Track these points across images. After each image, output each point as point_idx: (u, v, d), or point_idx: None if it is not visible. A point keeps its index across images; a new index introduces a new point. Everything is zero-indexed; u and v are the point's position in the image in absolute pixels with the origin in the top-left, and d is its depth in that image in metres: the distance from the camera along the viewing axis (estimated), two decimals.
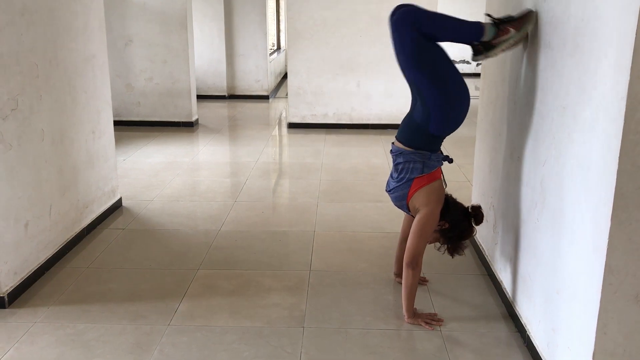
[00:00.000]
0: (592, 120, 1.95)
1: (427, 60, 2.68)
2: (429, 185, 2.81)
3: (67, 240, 3.62)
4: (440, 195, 2.86)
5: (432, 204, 2.81)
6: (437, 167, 2.85)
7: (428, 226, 2.81)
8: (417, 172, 2.81)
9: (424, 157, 2.80)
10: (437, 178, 2.85)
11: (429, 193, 2.81)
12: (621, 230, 1.81)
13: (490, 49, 2.69)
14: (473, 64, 14.03)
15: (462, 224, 2.91)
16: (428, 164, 2.81)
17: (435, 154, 2.83)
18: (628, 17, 1.70)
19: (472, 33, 2.71)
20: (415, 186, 2.82)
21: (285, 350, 2.62)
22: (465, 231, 2.92)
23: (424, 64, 2.68)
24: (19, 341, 2.67)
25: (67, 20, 3.61)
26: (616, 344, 1.92)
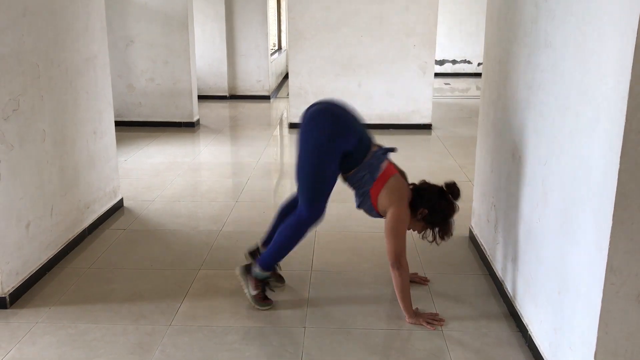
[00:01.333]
0: (594, 120, 1.95)
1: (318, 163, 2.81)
2: (385, 186, 2.81)
3: (68, 240, 3.62)
4: (401, 190, 2.84)
5: (394, 202, 2.80)
6: (381, 164, 2.84)
7: (399, 224, 2.79)
8: (370, 183, 2.82)
9: (363, 167, 2.83)
10: (390, 175, 2.84)
11: (388, 194, 2.81)
12: (623, 230, 1.81)
13: None
14: (474, 64, 14.04)
15: (441, 204, 2.88)
16: (372, 168, 2.82)
17: (371, 157, 2.84)
18: (629, 16, 1.70)
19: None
20: (374, 195, 2.83)
21: (287, 350, 2.62)
22: (446, 210, 2.89)
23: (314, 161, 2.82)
24: (20, 341, 2.68)
25: (69, 21, 3.61)
26: (618, 344, 1.92)
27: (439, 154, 6.42)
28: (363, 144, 2.84)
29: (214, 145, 6.85)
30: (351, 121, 2.87)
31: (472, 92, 11.49)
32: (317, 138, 2.78)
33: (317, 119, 2.85)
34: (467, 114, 8.86)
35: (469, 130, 7.52)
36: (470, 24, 13.66)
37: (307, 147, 2.81)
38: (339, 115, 2.86)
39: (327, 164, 2.79)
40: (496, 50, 3.34)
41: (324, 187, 2.84)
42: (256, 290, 2.96)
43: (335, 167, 2.81)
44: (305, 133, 2.84)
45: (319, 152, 2.77)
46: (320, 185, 2.83)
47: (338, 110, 2.90)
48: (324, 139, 2.77)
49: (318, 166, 2.79)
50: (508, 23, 3.08)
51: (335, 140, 2.77)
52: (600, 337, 1.91)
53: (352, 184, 2.91)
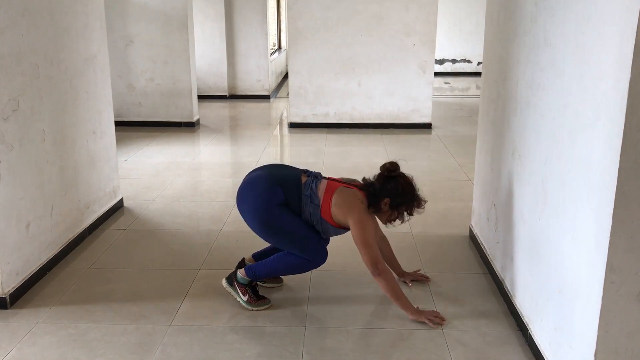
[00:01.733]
0: (594, 119, 1.95)
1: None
2: (331, 205, 2.80)
3: (68, 240, 3.62)
4: (348, 199, 2.82)
5: (347, 211, 2.79)
6: (318, 190, 2.83)
7: (364, 231, 2.77)
8: (317, 210, 2.82)
9: (304, 202, 2.83)
10: (333, 192, 2.82)
11: (337, 208, 2.80)
12: (623, 229, 1.81)
13: None
14: (474, 63, 14.04)
15: (393, 184, 2.82)
16: (311, 197, 2.82)
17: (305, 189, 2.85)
18: (629, 15, 1.69)
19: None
20: (327, 217, 2.82)
21: (287, 350, 2.62)
22: (403, 186, 2.83)
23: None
24: (21, 342, 2.68)
25: (68, 20, 3.61)
26: (618, 342, 1.92)
27: (439, 153, 6.42)
28: (290, 188, 2.84)
29: (214, 145, 6.85)
30: (265, 179, 2.88)
31: (472, 91, 11.49)
32: (250, 209, 2.84)
33: (240, 195, 2.91)
34: (467, 113, 8.86)
35: (468, 130, 7.52)
36: (470, 23, 13.66)
37: (252, 220, 2.87)
38: (251, 181, 2.90)
39: (278, 220, 2.81)
40: (496, 49, 3.34)
41: (301, 236, 2.84)
42: (246, 295, 2.95)
43: (289, 217, 2.82)
44: (242, 211, 2.91)
45: (262, 217, 2.82)
46: (296, 236, 2.83)
47: (250, 176, 2.95)
48: (256, 206, 2.82)
49: (275, 227, 2.83)
50: (508, 22, 3.08)
51: (264, 201, 2.81)
52: (600, 335, 1.91)
53: (310, 222, 2.88)
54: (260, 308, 2.95)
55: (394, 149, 6.53)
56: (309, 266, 2.90)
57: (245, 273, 2.96)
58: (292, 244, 2.85)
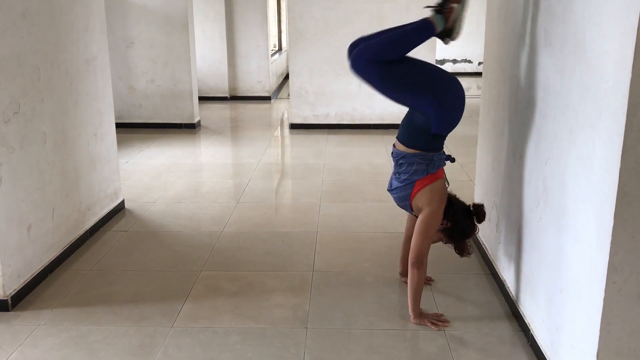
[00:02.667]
0: (594, 118, 1.95)
1: (404, 83, 2.72)
2: (431, 184, 2.80)
3: (70, 242, 3.62)
4: (443, 195, 2.85)
5: (435, 203, 2.80)
6: (440, 166, 2.84)
7: (432, 225, 2.81)
8: (421, 174, 2.80)
9: (426, 158, 2.79)
10: (439, 177, 2.84)
11: (432, 192, 2.80)
12: (624, 229, 1.81)
13: (451, 32, 2.76)
14: (475, 63, 14.03)
15: (464, 222, 2.90)
16: (431, 164, 2.80)
17: (438, 153, 2.82)
18: (630, 14, 1.69)
19: (425, 33, 2.76)
20: (418, 186, 2.81)
21: (289, 351, 2.62)
22: (467, 229, 2.91)
23: (403, 87, 2.73)
24: (22, 344, 2.68)
25: (68, 22, 3.61)
26: (620, 342, 1.91)
27: None
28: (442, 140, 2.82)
29: (214, 146, 6.85)
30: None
31: (473, 92, 11.48)
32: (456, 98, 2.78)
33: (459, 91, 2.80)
34: (468, 113, 8.78)
35: (469, 130, 7.48)
36: (471, 23, 13.53)
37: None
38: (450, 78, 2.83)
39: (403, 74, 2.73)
40: (496, 49, 3.34)
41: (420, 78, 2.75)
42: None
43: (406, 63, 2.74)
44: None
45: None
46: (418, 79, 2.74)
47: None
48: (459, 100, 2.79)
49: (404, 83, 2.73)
50: (508, 21, 3.08)
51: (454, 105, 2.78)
52: (602, 335, 1.91)
53: (403, 163, 2.83)
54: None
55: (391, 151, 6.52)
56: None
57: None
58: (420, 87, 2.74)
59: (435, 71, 2.81)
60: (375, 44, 2.71)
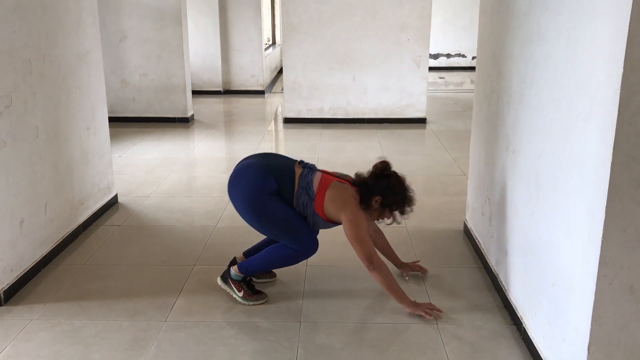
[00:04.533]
0: (586, 113, 1.95)
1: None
2: (325, 199, 2.80)
3: (63, 237, 3.61)
4: (342, 194, 2.82)
5: (340, 207, 2.79)
6: (312, 182, 2.83)
7: (356, 226, 2.77)
8: (310, 202, 2.81)
9: (298, 193, 2.82)
10: (326, 186, 2.82)
11: (331, 202, 2.79)
12: (616, 222, 1.82)
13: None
14: (468, 57, 14.04)
15: (386, 183, 2.83)
16: (308, 187, 2.81)
17: (299, 176, 2.83)
18: (622, 9, 1.70)
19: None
20: (319, 210, 2.82)
21: (282, 345, 2.62)
22: (396, 186, 2.85)
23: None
24: (15, 338, 2.67)
25: (60, 16, 3.59)
26: (611, 335, 1.93)
27: (434, 147, 6.42)
28: (284, 177, 2.84)
29: (208, 140, 6.83)
30: (256, 167, 2.87)
31: (467, 86, 11.50)
32: (242, 198, 2.83)
33: (232, 183, 2.90)
34: (462, 107, 8.87)
35: (463, 124, 7.52)
36: (464, 18, 13.66)
37: (243, 208, 2.86)
38: (243, 170, 2.89)
39: (270, 209, 2.79)
40: (489, 44, 3.34)
41: (293, 225, 2.83)
42: (241, 291, 2.96)
43: (281, 206, 2.81)
44: (233, 200, 2.89)
45: (254, 206, 2.81)
46: (287, 226, 2.82)
47: (241, 165, 2.95)
48: (248, 194, 2.81)
49: (266, 216, 2.81)
50: (501, 16, 3.08)
51: (256, 190, 2.80)
52: (593, 329, 1.92)
53: (301, 212, 2.87)
54: (257, 303, 2.95)
55: (389, 143, 6.53)
56: (300, 257, 2.89)
57: (238, 270, 2.96)
58: (283, 234, 2.85)
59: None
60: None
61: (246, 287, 2.96)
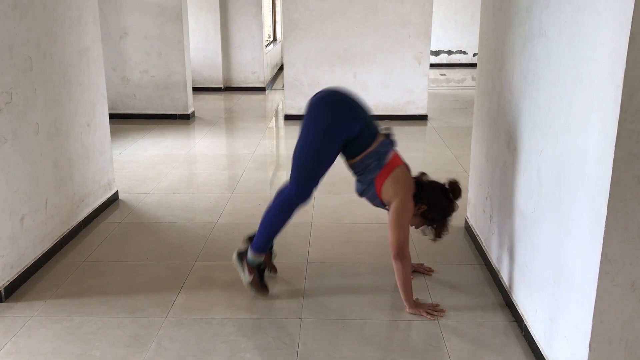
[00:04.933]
0: (588, 109, 1.95)
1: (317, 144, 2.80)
2: (390, 175, 2.81)
3: (63, 233, 3.61)
4: (406, 181, 2.85)
5: (400, 192, 2.80)
6: (388, 153, 2.84)
7: (403, 215, 2.79)
8: (375, 171, 2.82)
9: (372, 154, 2.81)
10: (396, 165, 2.84)
11: (393, 183, 2.80)
12: (618, 219, 1.81)
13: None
14: (470, 54, 14.02)
15: (441, 201, 2.89)
16: (381, 156, 2.81)
17: (380, 144, 2.83)
18: (624, 5, 1.69)
19: None
20: (378, 183, 2.82)
21: (283, 342, 2.62)
22: (446, 208, 2.90)
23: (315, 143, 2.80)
24: (16, 335, 2.67)
25: (61, 12, 3.58)
26: (613, 332, 1.92)
27: (435, 144, 6.41)
28: (369, 131, 2.84)
29: (209, 137, 6.83)
30: (356, 108, 2.87)
31: (468, 83, 11.48)
32: (322, 122, 2.79)
33: (322, 104, 2.86)
34: (463, 104, 8.86)
35: (464, 121, 7.51)
36: (466, 14, 13.63)
37: (310, 129, 2.82)
38: (344, 102, 2.86)
39: (327, 148, 2.78)
40: (491, 40, 3.33)
41: (318, 170, 2.83)
42: (251, 276, 2.96)
43: (334, 152, 2.81)
44: (310, 117, 2.84)
45: (322, 135, 2.77)
46: (315, 167, 2.82)
47: (344, 97, 2.90)
48: (328, 123, 2.77)
49: (318, 148, 2.79)
50: (503, 12, 3.07)
51: (339, 125, 2.77)
52: (595, 325, 1.92)
53: (357, 171, 2.89)
54: (257, 294, 2.96)
55: None
56: (295, 201, 2.87)
57: (253, 251, 2.97)
58: (305, 171, 2.82)
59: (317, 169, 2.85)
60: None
61: (257, 275, 2.97)
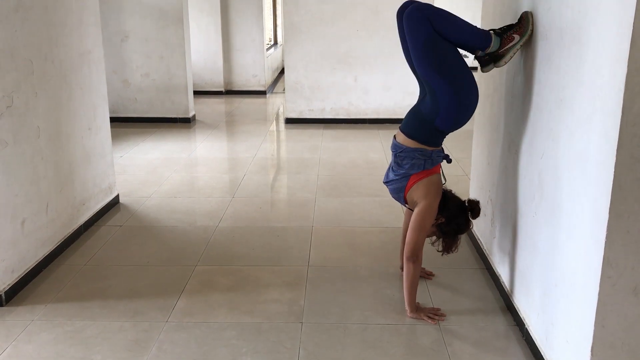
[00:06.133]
0: (590, 113, 1.94)
1: (440, 56, 2.64)
2: (427, 178, 2.81)
3: (64, 237, 3.61)
4: (439, 189, 2.86)
5: (431, 196, 2.80)
6: (437, 163, 2.85)
7: (427, 219, 2.81)
8: (417, 169, 2.81)
9: (425, 154, 2.79)
10: (436, 172, 2.85)
11: (427, 186, 2.81)
12: (619, 223, 1.81)
13: (498, 59, 2.70)
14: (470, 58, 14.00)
15: (459, 218, 2.90)
16: (429, 160, 2.81)
17: (437, 150, 2.83)
18: (626, 8, 1.69)
19: (481, 40, 2.67)
20: (413, 180, 2.82)
21: (284, 346, 2.62)
22: (461, 225, 2.91)
23: (436, 59, 2.64)
24: (16, 339, 2.67)
25: (62, 16, 3.58)
26: (615, 337, 1.92)
27: None
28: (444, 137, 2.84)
29: (210, 140, 6.83)
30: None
31: None
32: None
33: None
34: None
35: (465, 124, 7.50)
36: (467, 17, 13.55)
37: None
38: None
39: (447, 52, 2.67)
40: None
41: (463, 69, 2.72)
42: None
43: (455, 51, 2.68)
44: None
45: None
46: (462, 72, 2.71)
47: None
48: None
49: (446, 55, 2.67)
50: (503, 16, 3.07)
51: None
52: (597, 330, 1.91)
53: (402, 157, 2.84)
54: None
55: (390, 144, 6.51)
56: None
57: None
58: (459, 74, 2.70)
59: (469, 72, 2.75)
60: (440, 11, 2.65)
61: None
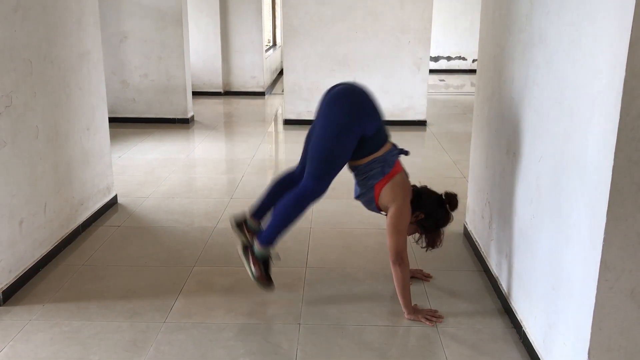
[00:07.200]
0: (588, 116, 1.95)
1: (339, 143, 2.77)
2: (390, 181, 2.82)
3: (62, 237, 3.60)
4: (405, 187, 2.86)
5: (398, 198, 2.81)
6: (394, 161, 2.85)
7: (401, 221, 2.80)
8: (378, 177, 2.83)
9: (379, 160, 2.82)
10: (397, 172, 2.86)
11: (392, 189, 2.82)
12: (617, 226, 1.81)
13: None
14: (469, 60, 14.05)
15: (437, 211, 2.92)
16: (386, 164, 2.82)
17: (388, 151, 2.85)
18: (624, 12, 1.69)
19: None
20: (377, 188, 2.84)
21: (282, 347, 2.62)
22: (441, 219, 2.93)
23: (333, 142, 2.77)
24: (14, 339, 2.66)
25: (61, 16, 3.59)
26: (612, 340, 1.92)
27: (434, 150, 6.42)
28: (381, 135, 2.85)
29: (208, 141, 6.83)
30: (375, 108, 2.86)
31: (467, 89, 11.50)
32: (342, 115, 2.76)
33: (342, 99, 2.83)
34: (462, 110, 8.87)
35: (463, 127, 7.52)
36: (465, 20, 13.66)
37: (329, 122, 2.78)
38: (365, 99, 2.84)
39: (346, 142, 2.75)
40: (490, 47, 3.34)
41: (337, 164, 2.82)
42: (257, 269, 2.90)
43: (351, 147, 2.78)
44: (329, 111, 2.81)
45: (342, 129, 2.74)
46: (335, 162, 2.80)
47: (364, 94, 2.88)
48: (349, 117, 2.75)
49: (337, 142, 2.75)
50: (502, 19, 3.08)
51: (360, 120, 2.75)
52: (594, 333, 1.92)
53: (360, 174, 2.88)
54: (262, 287, 2.93)
55: None
56: (310, 196, 2.85)
57: (261, 244, 2.90)
58: (325, 166, 2.79)
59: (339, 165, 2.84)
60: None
61: (263, 268, 2.92)
